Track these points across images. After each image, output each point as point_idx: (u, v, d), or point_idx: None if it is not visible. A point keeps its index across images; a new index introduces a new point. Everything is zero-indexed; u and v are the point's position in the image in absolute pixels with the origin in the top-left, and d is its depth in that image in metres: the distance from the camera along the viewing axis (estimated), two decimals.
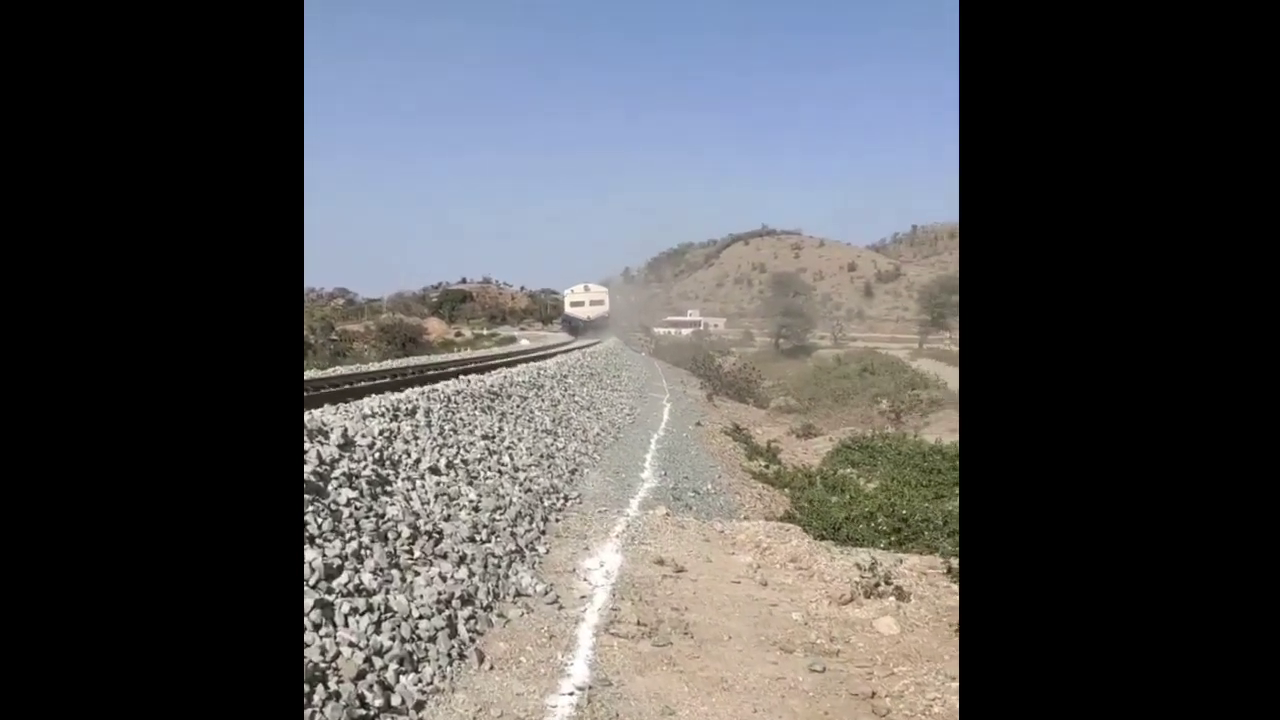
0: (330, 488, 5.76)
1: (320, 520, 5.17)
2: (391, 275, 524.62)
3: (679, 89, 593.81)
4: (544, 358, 22.99)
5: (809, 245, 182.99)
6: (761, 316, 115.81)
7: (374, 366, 18.81)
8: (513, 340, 59.40)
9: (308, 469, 5.68)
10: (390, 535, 5.74)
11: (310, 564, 4.66)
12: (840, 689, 4.80)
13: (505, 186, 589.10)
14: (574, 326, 55.48)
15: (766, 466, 16.88)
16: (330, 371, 16.76)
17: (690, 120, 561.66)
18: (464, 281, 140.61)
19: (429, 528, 6.15)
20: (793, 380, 51.27)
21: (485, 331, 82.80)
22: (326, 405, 9.35)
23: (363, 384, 13.09)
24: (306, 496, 5.28)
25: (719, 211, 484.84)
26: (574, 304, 58.73)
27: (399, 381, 12.72)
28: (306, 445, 6.01)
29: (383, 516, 5.91)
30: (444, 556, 5.94)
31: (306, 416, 6.86)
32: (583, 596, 6.13)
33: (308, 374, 16.53)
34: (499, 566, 6.27)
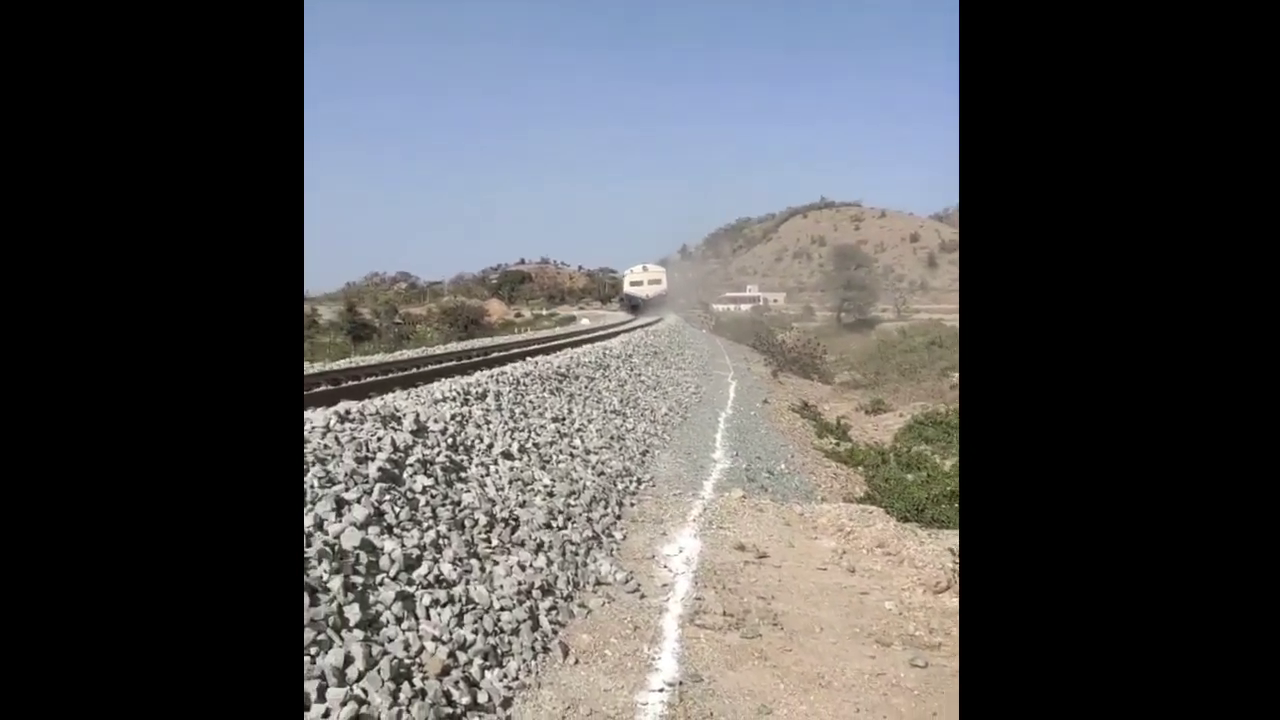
0: (406, 475, 5.63)
1: (398, 509, 5.04)
2: (452, 258, 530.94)
3: (743, 60, 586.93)
4: (607, 337, 22.85)
5: (869, 216, 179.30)
6: (822, 290, 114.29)
7: (438, 349, 18.90)
8: (572, 320, 59.96)
9: (383, 456, 5.56)
10: (467, 523, 5.61)
11: (389, 554, 4.53)
12: (946, 686, 4.51)
13: (558, 166, 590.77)
14: (633, 304, 57.76)
15: (837, 444, 16.49)
16: (397, 355, 16.88)
17: (760, 92, 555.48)
18: (522, 262, 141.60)
19: (505, 514, 6.01)
20: (856, 354, 50.44)
21: (544, 312, 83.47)
22: (397, 389, 9.31)
23: (430, 366, 13.11)
24: (383, 485, 5.16)
25: (777, 185, 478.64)
26: (633, 283, 61.39)
27: (465, 365, 12.69)
28: (381, 432, 5.90)
29: (459, 504, 5.78)
30: (521, 544, 5.79)
31: (380, 402, 6.76)
32: (664, 585, 5.93)
33: (375, 357, 16.67)
34: (577, 554, 6.10)
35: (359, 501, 4.77)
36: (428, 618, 4.32)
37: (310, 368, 13.13)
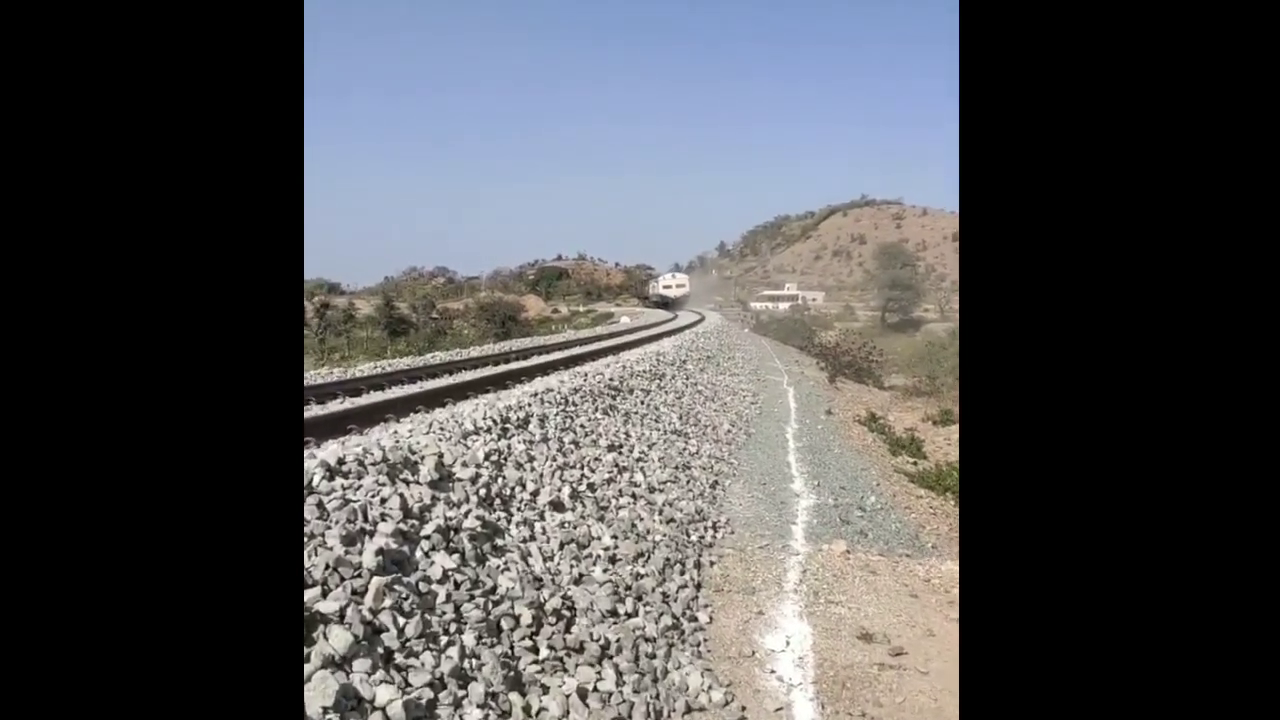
0: (419, 555, 3.99)
1: (404, 619, 3.41)
2: (489, 253, 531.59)
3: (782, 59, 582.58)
4: (655, 339, 21.21)
5: (911, 215, 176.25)
6: (862, 289, 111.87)
7: (474, 352, 17.34)
8: (610, 317, 59.30)
9: (387, 528, 3.93)
10: (505, 624, 3.96)
11: (385, 711, 2.89)
12: None
13: (600, 162, 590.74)
14: (665, 303, 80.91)
15: (914, 463, 14.72)
16: (428, 358, 15.32)
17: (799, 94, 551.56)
18: (559, 258, 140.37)
19: (556, 603, 4.35)
20: (904, 356, 48.26)
21: (581, 309, 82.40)
22: (418, 413, 7.69)
23: (463, 375, 11.52)
24: (384, 579, 3.52)
25: (817, 183, 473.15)
26: (665, 287, 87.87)
27: (503, 375, 11.08)
28: (386, 490, 4.26)
29: (493, 593, 4.12)
30: (579, 649, 4.13)
31: (392, 439, 5.12)
32: (778, 710, 4.23)
33: (404, 361, 15.14)
34: (653, 657, 4.43)
35: (341, 618, 3.14)
36: None
37: (329, 374, 11.61)
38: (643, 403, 10.52)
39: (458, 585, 3.97)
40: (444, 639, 3.51)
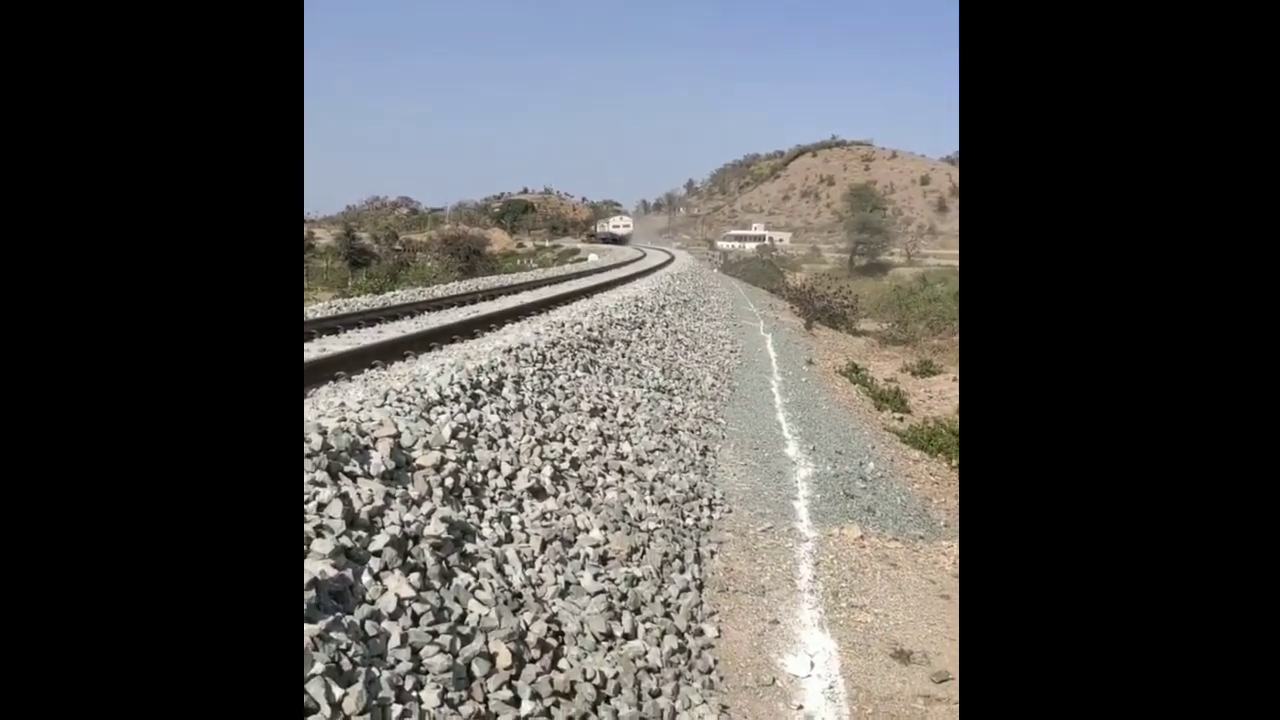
0: (366, 580, 3.07)
1: (342, 689, 2.51)
2: (455, 185, 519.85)
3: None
4: (630, 279, 20.24)
5: (880, 157, 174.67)
6: (829, 231, 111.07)
7: (439, 291, 16.22)
8: (578, 254, 58.11)
9: (325, 546, 3.00)
10: (477, 668, 3.07)
11: None
12: None
13: (567, 92, 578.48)
14: (615, 239, 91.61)
15: (900, 419, 14.10)
16: (386, 298, 14.20)
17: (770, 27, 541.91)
18: (525, 191, 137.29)
19: (540, 628, 3.48)
20: (873, 301, 47.78)
21: (547, 243, 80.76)
22: (374, 369, 6.71)
23: (428, 320, 10.49)
24: (321, 624, 2.61)
25: (789, 120, 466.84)
26: (614, 226, 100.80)
27: (471, 321, 10.06)
28: (326, 491, 3.31)
29: (462, 623, 3.24)
30: (569, 694, 3.28)
31: (338, 413, 4.14)
32: None
33: (361, 300, 14.01)
34: (658, 694, 3.60)
35: None
36: None
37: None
38: (624, 355, 9.58)
39: (416, 619, 3.07)
40: (397, 709, 2.62)
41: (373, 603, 3.00)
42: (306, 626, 2.59)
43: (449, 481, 4.07)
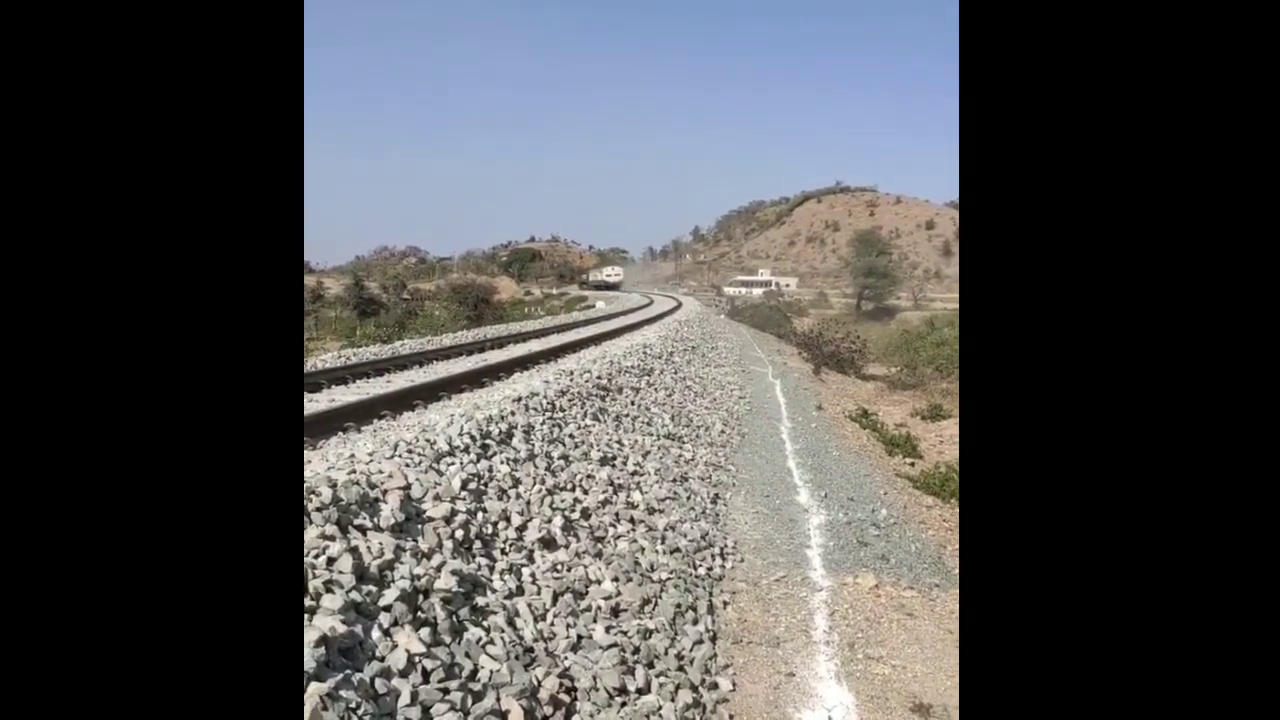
0: (376, 635, 3.03)
1: None
2: (462, 234, 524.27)
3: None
4: (638, 326, 20.26)
5: (885, 203, 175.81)
6: (835, 276, 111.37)
7: (447, 340, 16.27)
8: (584, 300, 58.46)
9: (338, 599, 2.97)
10: None
11: None
12: None
13: (574, 141, 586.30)
14: (607, 286, 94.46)
15: (912, 464, 13.98)
16: (395, 348, 14.24)
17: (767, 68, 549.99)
18: (532, 240, 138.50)
19: (552, 684, 3.41)
20: (880, 345, 47.75)
21: (555, 291, 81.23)
22: (383, 419, 6.69)
23: (436, 370, 10.50)
24: (330, 682, 2.57)
25: (793, 166, 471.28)
26: (606, 275, 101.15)
27: (480, 370, 10.07)
28: (335, 545, 3.28)
29: (474, 679, 3.18)
30: None
31: (348, 464, 4.12)
32: None
33: (370, 350, 14.05)
34: None
35: None
36: None
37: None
38: (633, 403, 9.56)
39: (427, 676, 3.01)
40: None
41: (383, 659, 2.95)
42: (315, 685, 2.54)
43: (459, 533, 4.04)
